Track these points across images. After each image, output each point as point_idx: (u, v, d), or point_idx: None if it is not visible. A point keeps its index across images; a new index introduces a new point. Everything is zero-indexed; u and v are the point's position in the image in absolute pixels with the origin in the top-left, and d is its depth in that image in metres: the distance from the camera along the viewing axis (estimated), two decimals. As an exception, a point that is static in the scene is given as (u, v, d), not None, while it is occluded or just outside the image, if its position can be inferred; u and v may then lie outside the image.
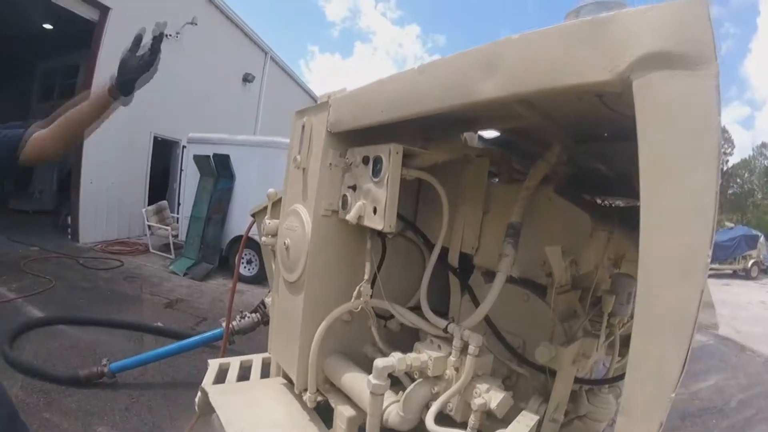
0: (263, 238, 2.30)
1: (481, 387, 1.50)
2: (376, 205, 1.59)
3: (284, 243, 2.05)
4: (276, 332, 2.32)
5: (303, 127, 2.04)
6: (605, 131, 1.71)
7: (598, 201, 2.69)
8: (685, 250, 0.79)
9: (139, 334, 5.96)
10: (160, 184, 13.66)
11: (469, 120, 1.79)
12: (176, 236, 10.75)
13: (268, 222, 2.31)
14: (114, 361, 4.45)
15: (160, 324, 6.40)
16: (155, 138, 13.06)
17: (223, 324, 4.00)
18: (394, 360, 1.54)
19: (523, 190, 1.69)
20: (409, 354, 1.60)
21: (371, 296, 1.89)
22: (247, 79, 17.45)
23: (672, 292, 0.81)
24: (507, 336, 1.81)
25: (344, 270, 1.93)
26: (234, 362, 2.77)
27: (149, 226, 11.17)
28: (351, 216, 1.66)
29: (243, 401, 2.14)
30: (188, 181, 10.23)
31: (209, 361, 2.72)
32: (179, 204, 10.95)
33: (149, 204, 12.07)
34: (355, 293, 1.85)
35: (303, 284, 1.88)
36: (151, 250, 11.18)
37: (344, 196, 1.79)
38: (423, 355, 1.60)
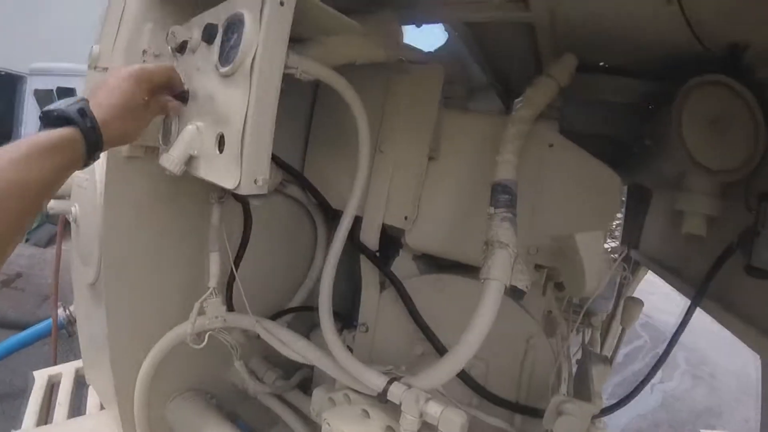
0: (50, 204, 1.35)
1: None
2: (223, 129, 0.73)
3: (72, 211, 1.17)
4: (88, 356, 1.52)
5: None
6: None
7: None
8: None
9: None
10: (5, 129, 11.31)
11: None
12: (15, 192, 8.89)
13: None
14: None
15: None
16: (-5, 72, 10.63)
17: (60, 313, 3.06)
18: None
19: (514, 124, 0.99)
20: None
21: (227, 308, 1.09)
22: None
23: None
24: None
25: (179, 263, 1.14)
26: (67, 372, 2.01)
27: (-16, 182, 9.15)
28: (173, 159, 0.78)
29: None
30: (30, 122, 8.32)
31: (34, 373, 2.07)
32: (24, 152, 9.03)
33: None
34: (195, 309, 1.02)
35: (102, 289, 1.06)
36: (-11, 211, 9.20)
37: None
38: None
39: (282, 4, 0.68)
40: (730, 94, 1.00)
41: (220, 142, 0.75)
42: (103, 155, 0.95)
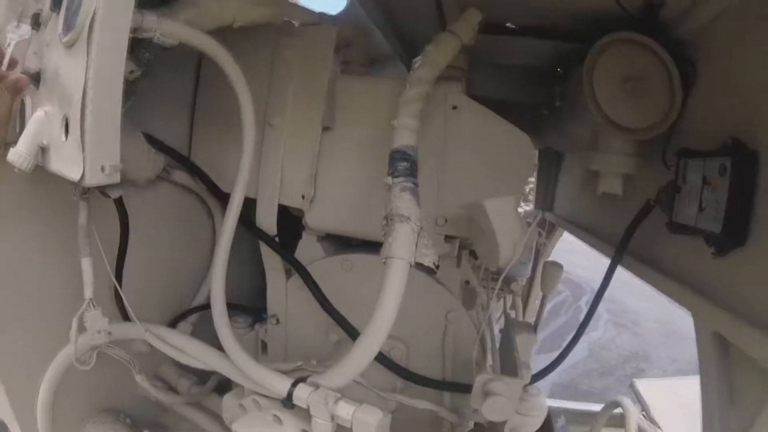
0: None
1: None
2: (66, 110, 0.62)
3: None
4: None
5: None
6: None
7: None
8: None
9: None
10: None
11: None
12: None
13: None
14: None
15: None
16: None
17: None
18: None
19: (412, 85, 0.90)
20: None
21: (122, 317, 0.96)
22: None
23: None
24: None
25: (65, 272, 0.96)
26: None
27: None
28: (20, 152, 0.65)
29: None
30: None
31: None
32: None
33: None
34: (73, 326, 0.89)
35: None
36: None
37: (24, 99, 0.76)
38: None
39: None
40: (644, 52, 0.98)
41: (66, 125, 0.63)
42: None
